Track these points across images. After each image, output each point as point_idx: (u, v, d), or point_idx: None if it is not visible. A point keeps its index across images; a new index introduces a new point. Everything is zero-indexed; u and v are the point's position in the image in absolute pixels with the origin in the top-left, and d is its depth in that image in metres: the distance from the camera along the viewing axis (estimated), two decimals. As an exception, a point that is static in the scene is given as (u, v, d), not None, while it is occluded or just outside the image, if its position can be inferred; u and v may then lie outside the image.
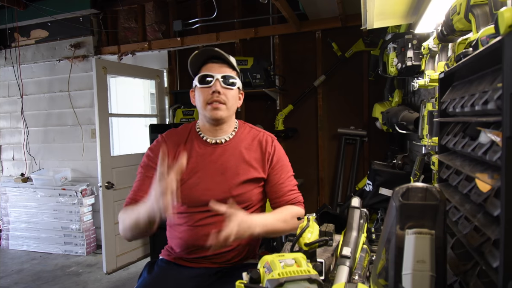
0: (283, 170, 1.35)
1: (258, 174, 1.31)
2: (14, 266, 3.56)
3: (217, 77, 1.25)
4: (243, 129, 1.39)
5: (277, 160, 1.34)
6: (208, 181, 1.26)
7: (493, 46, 0.55)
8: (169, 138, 1.35)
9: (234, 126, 1.37)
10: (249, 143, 1.34)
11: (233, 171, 1.28)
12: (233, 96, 1.30)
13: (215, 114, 1.26)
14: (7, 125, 4.41)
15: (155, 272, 1.30)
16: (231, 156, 1.30)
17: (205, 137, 1.33)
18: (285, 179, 1.34)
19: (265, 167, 1.33)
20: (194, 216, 1.27)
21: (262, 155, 1.33)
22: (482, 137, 0.62)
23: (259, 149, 1.34)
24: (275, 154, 1.34)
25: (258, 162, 1.32)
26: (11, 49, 4.13)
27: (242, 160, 1.30)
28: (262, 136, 1.37)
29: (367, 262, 0.98)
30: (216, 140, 1.32)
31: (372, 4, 1.31)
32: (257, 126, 1.45)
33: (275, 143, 1.38)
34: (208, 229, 1.25)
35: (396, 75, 1.89)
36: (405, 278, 0.56)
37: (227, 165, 1.29)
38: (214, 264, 1.27)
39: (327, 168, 3.39)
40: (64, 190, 3.82)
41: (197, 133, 1.35)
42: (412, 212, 0.57)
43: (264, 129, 1.48)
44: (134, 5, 3.78)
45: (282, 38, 3.42)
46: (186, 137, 1.34)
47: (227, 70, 1.29)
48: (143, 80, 3.96)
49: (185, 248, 1.29)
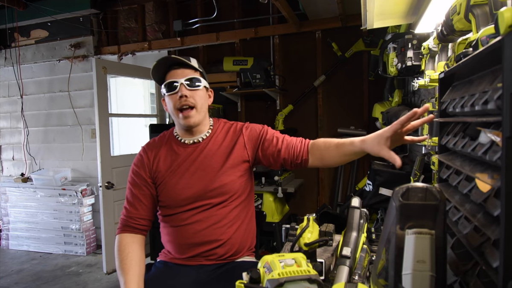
0: (273, 136, 1.35)
1: (240, 158, 1.33)
2: (14, 266, 3.56)
3: (181, 82, 1.28)
4: (218, 124, 1.42)
5: (258, 134, 1.36)
6: (187, 179, 1.29)
7: (493, 46, 0.55)
8: (149, 148, 1.39)
9: (210, 124, 1.40)
10: (224, 135, 1.38)
11: (213, 164, 1.31)
12: (201, 96, 1.32)
13: (187, 122, 1.30)
14: (7, 125, 4.41)
15: (152, 272, 1.32)
16: (209, 151, 1.33)
17: (182, 139, 1.36)
18: (282, 138, 1.34)
19: (245, 152, 1.34)
20: (179, 216, 1.30)
21: (239, 141, 1.35)
22: (482, 137, 0.62)
23: (235, 136, 1.37)
24: (251, 132, 1.36)
25: (237, 149, 1.33)
26: (11, 49, 4.12)
27: (221, 152, 1.33)
28: (235, 126, 1.41)
29: (367, 262, 0.98)
30: (193, 140, 1.35)
31: (372, 4, 1.31)
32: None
33: (248, 124, 1.41)
34: (195, 226, 1.27)
35: (396, 75, 1.89)
36: (405, 278, 0.56)
37: (206, 161, 1.31)
38: (210, 261, 1.29)
39: (327, 168, 3.39)
40: (64, 190, 3.82)
41: (175, 137, 1.38)
42: (412, 212, 0.57)
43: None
44: (134, 5, 3.78)
45: (282, 38, 3.42)
46: (165, 144, 1.38)
47: (190, 73, 1.31)
48: (143, 80, 3.95)
49: (178, 249, 1.31)
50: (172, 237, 1.32)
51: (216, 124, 1.42)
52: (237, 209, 1.32)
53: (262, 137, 1.35)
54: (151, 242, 3.36)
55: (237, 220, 1.32)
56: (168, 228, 1.33)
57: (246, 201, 1.37)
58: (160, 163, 1.33)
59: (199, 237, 1.27)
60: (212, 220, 1.28)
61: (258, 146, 1.34)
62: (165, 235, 1.36)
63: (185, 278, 1.24)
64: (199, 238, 1.27)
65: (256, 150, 1.35)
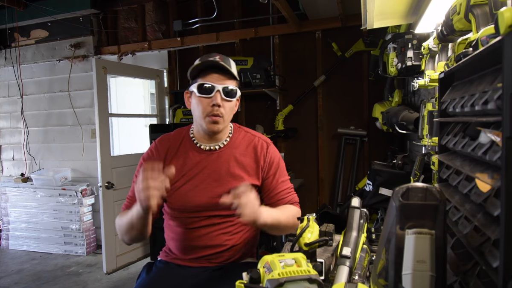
0: (279, 174, 1.33)
1: (252, 180, 1.29)
2: (14, 266, 3.56)
3: (218, 89, 1.21)
4: (238, 134, 1.36)
5: (273, 165, 1.33)
6: (201, 188, 1.26)
7: (493, 46, 0.55)
8: (161, 144, 1.34)
9: (229, 132, 1.35)
10: (244, 149, 1.32)
11: (227, 177, 1.27)
12: (231, 108, 1.28)
13: (212, 128, 1.24)
14: (7, 125, 4.41)
15: (153, 272, 1.31)
16: (225, 162, 1.28)
17: (198, 143, 1.31)
18: (281, 182, 1.33)
19: (259, 174, 1.31)
20: (186, 220, 1.28)
21: (257, 161, 1.31)
22: (482, 137, 0.62)
23: (254, 155, 1.31)
24: (270, 160, 1.32)
25: (252, 169, 1.30)
26: (11, 49, 4.12)
27: (236, 166, 1.29)
28: (257, 142, 1.34)
29: (367, 262, 0.98)
30: (210, 147, 1.30)
31: (372, 4, 1.31)
32: (255, 130, 1.43)
33: (270, 148, 1.35)
34: (202, 230, 1.26)
35: (396, 75, 1.89)
36: (405, 278, 0.56)
37: (221, 171, 1.27)
38: (212, 263, 1.28)
39: (327, 168, 3.39)
40: (64, 190, 3.82)
41: (191, 140, 1.33)
42: (412, 212, 0.57)
43: (264, 129, 1.48)
44: (134, 5, 3.78)
45: (282, 38, 3.42)
46: (179, 143, 1.33)
47: (228, 81, 1.24)
48: (143, 80, 3.96)
49: (182, 249, 1.30)
50: (177, 236, 1.30)
51: (236, 133, 1.36)
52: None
53: (271, 176, 1.32)
54: (151, 242, 3.36)
55: (244, 228, 1.31)
56: (174, 227, 1.31)
57: None
58: (172, 161, 1.28)
59: (205, 240, 1.26)
60: (220, 226, 1.27)
61: (265, 180, 1.33)
62: (170, 233, 1.34)
63: (187, 280, 1.23)
64: (204, 242, 1.26)
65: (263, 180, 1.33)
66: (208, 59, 1.22)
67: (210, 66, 1.23)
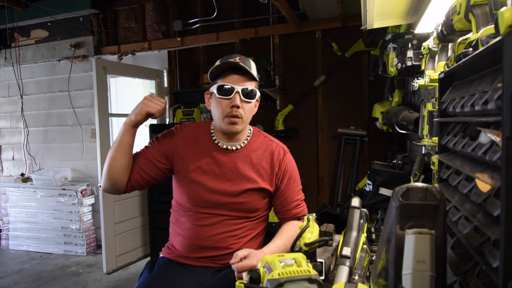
0: (293, 183, 1.35)
1: (265, 185, 1.31)
2: (14, 266, 3.56)
3: (237, 90, 1.22)
4: (257, 138, 1.37)
5: (288, 174, 1.34)
6: (215, 185, 1.27)
7: (493, 46, 0.55)
8: (183, 130, 1.35)
9: (248, 134, 1.36)
10: (261, 153, 1.33)
11: (241, 178, 1.28)
12: (250, 109, 1.29)
13: (231, 128, 1.25)
14: (7, 125, 4.41)
15: (155, 271, 1.30)
16: (240, 164, 1.29)
17: (217, 141, 1.32)
18: (294, 193, 1.34)
19: (272, 180, 1.32)
20: (197, 215, 1.29)
21: (272, 167, 1.32)
22: (482, 137, 0.62)
23: (270, 160, 1.32)
24: (286, 168, 1.33)
25: (267, 174, 1.31)
26: (11, 49, 4.12)
27: (251, 168, 1.30)
28: (275, 148, 1.35)
29: (367, 262, 0.98)
30: (228, 147, 1.31)
31: (372, 4, 1.31)
32: (268, 134, 1.44)
33: (287, 156, 1.36)
34: (210, 230, 1.26)
35: (396, 75, 1.89)
36: (405, 278, 0.56)
37: (236, 172, 1.28)
38: (215, 264, 1.28)
39: (327, 168, 3.39)
40: (64, 190, 3.82)
41: (211, 136, 1.34)
42: (412, 212, 0.57)
43: (264, 129, 1.48)
44: (134, 5, 3.78)
45: (282, 38, 3.42)
46: (199, 135, 1.34)
47: (247, 82, 1.24)
48: (143, 80, 3.95)
49: (187, 246, 1.30)
50: (184, 232, 1.30)
51: (254, 136, 1.37)
52: (254, 222, 1.33)
53: (284, 184, 1.33)
54: (151, 240, 3.36)
55: (251, 232, 1.32)
56: (182, 223, 1.31)
57: (264, 216, 1.38)
58: (190, 149, 1.31)
59: (211, 241, 1.26)
60: (228, 228, 1.27)
61: (278, 188, 1.34)
62: (177, 228, 1.33)
63: (189, 280, 1.23)
64: (211, 242, 1.27)
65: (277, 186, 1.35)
66: (228, 60, 1.23)
67: (230, 67, 1.23)
